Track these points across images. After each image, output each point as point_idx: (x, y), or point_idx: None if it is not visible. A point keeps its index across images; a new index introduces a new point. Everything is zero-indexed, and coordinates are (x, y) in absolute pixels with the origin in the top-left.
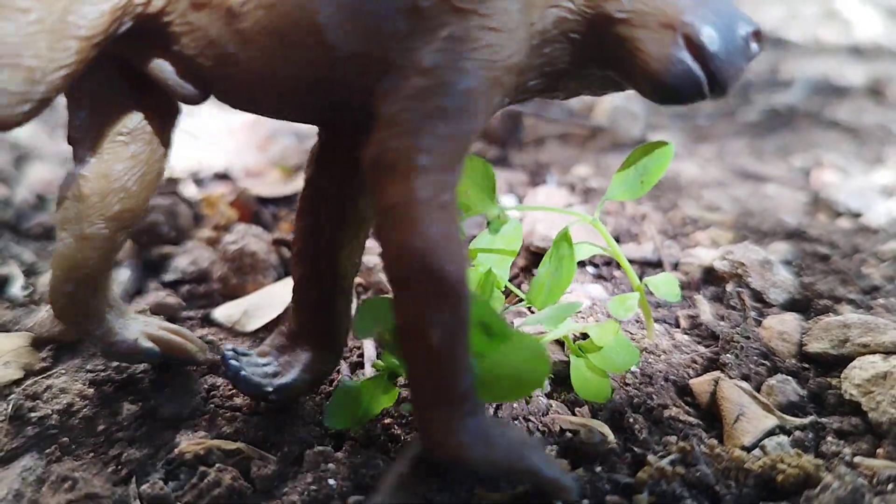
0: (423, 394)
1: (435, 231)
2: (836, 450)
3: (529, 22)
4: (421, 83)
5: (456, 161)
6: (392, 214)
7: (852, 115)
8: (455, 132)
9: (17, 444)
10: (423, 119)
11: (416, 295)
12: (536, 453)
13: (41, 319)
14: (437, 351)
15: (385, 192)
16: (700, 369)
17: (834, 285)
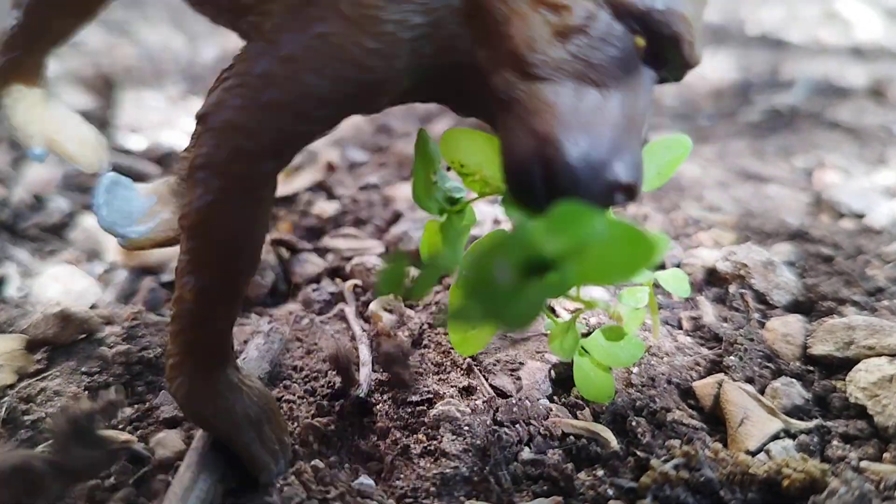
0: (173, 330)
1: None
2: (842, 454)
3: (421, 53)
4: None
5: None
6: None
7: (854, 116)
8: (278, 121)
9: (11, 447)
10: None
11: (188, 248)
12: (255, 430)
13: (36, 321)
14: (192, 303)
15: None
16: (703, 372)
17: (838, 287)
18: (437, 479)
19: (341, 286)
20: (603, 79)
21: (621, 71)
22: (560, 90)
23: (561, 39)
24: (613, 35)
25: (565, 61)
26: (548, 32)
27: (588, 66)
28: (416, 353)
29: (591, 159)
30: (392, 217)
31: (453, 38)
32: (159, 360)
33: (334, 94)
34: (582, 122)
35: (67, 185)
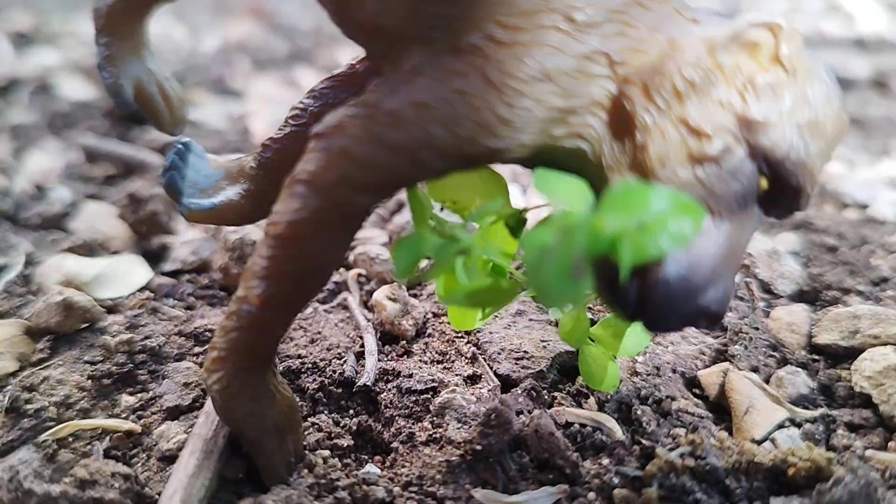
0: (226, 326)
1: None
2: (848, 443)
3: (549, 133)
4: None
5: (378, 184)
6: (295, 182)
7: (857, 108)
8: (392, 161)
9: (14, 436)
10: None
11: (269, 255)
12: (279, 439)
13: (38, 310)
14: (257, 307)
15: (305, 159)
16: (708, 361)
17: (842, 276)
18: (443, 466)
19: (345, 275)
20: (720, 208)
21: (738, 205)
22: None
23: (693, 163)
24: (743, 172)
25: (690, 184)
26: (683, 154)
27: (710, 194)
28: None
29: (688, 282)
30: (395, 206)
31: (584, 127)
32: (162, 350)
33: (454, 151)
34: (692, 243)
35: (69, 175)
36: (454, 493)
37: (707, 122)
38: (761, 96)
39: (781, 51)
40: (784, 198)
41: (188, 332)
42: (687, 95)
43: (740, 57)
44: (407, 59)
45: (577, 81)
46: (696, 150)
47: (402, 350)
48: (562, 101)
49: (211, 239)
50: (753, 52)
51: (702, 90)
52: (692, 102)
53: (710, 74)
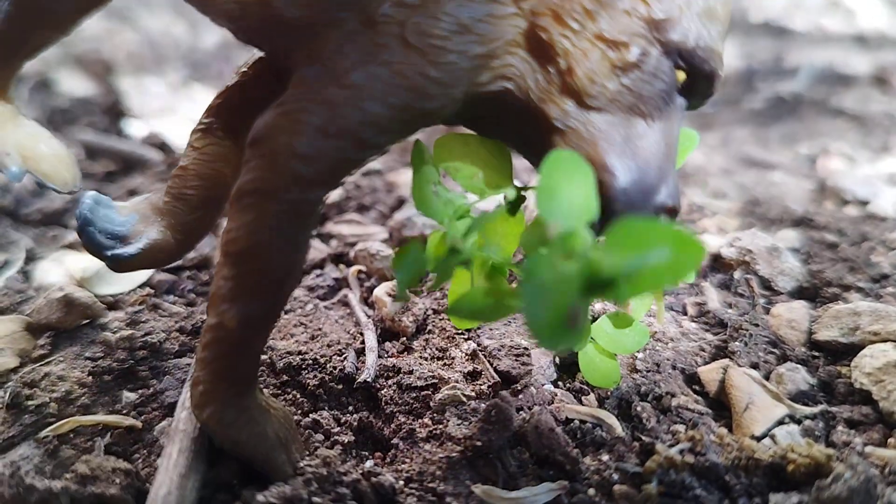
0: (204, 357)
1: (267, 225)
2: (847, 439)
3: (475, 81)
4: (331, 91)
5: (327, 174)
6: (243, 194)
7: (858, 104)
8: (337, 149)
9: (15, 432)
10: (308, 124)
11: (234, 275)
12: (285, 451)
13: (39, 306)
14: (235, 331)
15: (246, 169)
16: (708, 357)
17: (842, 273)
18: (443, 462)
19: (345, 272)
20: (650, 110)
21: (664, 103)
22: (613, 121)
23: (618, 74)
24: (662, 70)
25: (620, 94)
26: (607, 67)
27: (639, 98)
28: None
29: (642, 185)
30: (395, 203)
31: (506, 67)
32: (163, 346)
33: (394, 122)
34: (633, 150)
35: None
36: (454, 489)
37: (621, 32)
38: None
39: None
40: (700, 84)
41: (189, 329)
42: (596, 12)
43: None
44: (323, 46)
45: (490, 25)
46: (618, 60)
47: (402, 346)
48: (482, 48)
49: (211, 235)
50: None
51: (608, 4)
52: (603, 17)
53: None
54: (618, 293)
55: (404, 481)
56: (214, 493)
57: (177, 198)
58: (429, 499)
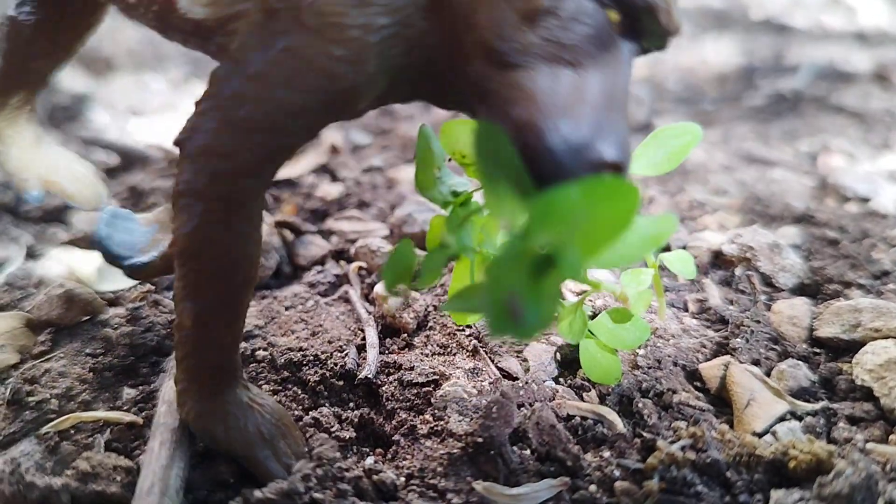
0: (178, 356)
1: (202, 223)
2: (849, 436)
3: (391, 54)
4: (239, 84)
5: (252, 165)
6: (176, 196)
7: (858, 101)
8: (254, 140)
9: (16, 428)
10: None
11: (182, 275)
12: (269, 447)
13: (39, 302)
14: (191, 329)
15: (177, 172)
16: (709, 354)
17: (843, 270)
18: (444, 459)
19: (346, 268)
20: (578, 58)
21: (596, 48)
22: (534, 75)
23: (529, 23)
24: (584, 13)
25: (536, 45)
26: (514, 17)
27: (560, 47)
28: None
29: (572, 142)
30: (396, 199)
31: (423, 34)
32: (164, 342)
33: (307, 106)
34: (560, 105)
35: None
36: (455, 486)
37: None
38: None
39: None
40: (645, 21)
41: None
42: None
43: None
44: (230, 42)
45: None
46: (526, 8)
47: (403, 343)
48: (388, 19)
49: None
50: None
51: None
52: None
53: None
54: (564, 268)
55: (405, 478)
56: (212, 491)
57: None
58: (430, 495)
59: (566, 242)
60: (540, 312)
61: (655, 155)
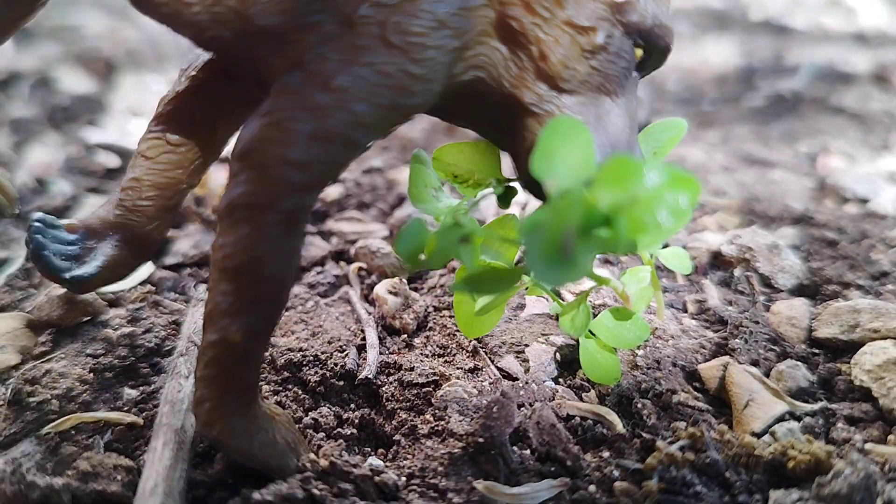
0: (208, 374)
1: (265, 236)
2: (847, 436)
3: (451, 73)
4: (318, 96)
5: (319, 178)
6: (235, 208)
7: (858, 102)
8: (328, 153)
9: (16, 428)
10: (298, 132)
11: (233, 290)
12: (294, 454)
13: (40, 303)
14: (241, 344)
15: (235, 183)
16: (708, 354)
17: (842, 271)
18: (445, 458)
19: (346, 269)
20: (614, 87)
21: (625, 79)
22: (585, 101)
23: (587, 57)
24: (624, 50)
25: (589, 75)
26: (577, 51)
27: (605, 78)
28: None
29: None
30: (396, 200)
31: (478, 57)
32: (163, 343)
33: (381, 121)
34: (604, 127)
35: (70, 169)
36: (456, 485)
37: (587, 18)
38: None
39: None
40: (655, 58)
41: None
42: (566, 0)
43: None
44: (302, 51)
45: (463, 18)
46: (587, 44)
47: (403, 343)
48: (457, 41)
49: (212, 232)
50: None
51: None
52: (569, 4)
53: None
54: (617, 230)
55: (406, 477)
56: (211, 492)
57: (131, 210)
58: (431, 495)
59: (622, 210)
60: (586, 260)
61: (645, 151)
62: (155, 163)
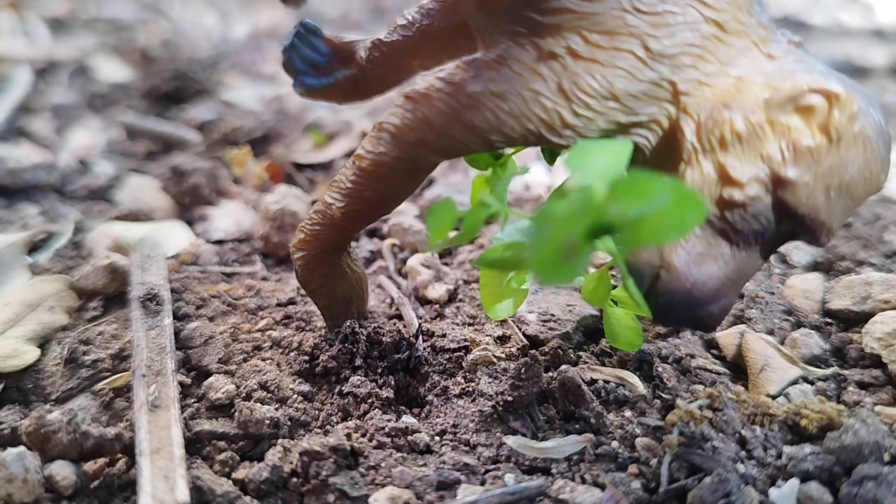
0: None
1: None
2: (858, 399)
3: (612, 120)
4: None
5: (448, 151)
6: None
7: (874, 95)
8: (464, 137)
9: (73, 384)
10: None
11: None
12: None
13: (86, 272)
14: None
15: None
16: (726, 324)
17: (856, 249)
18: (476, 416)
19: (380, 245)
20: (738, 240)
21: (755, 240)
22: (699, 233)
23: (722, 206)
24: (765, 216)
25: (716, 217)
26: (714, 194)
27: (732, 229)
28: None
29: (690, 297)
30: (426, 182)
31: (639, 137)
32: (198, 310)
33: (519, 139)
34: (702, 264)
35: (111, 151)
36: (486, 440)
37: (743, 173)
38: (800, 159)
39: (832, 120)
40: (800, 237)
41: (229, 299)
42: (732, 145)
43: (792, 118)
44: (497, 46)
45: (642, 102)
46: (727, 196)
47: (434, 313)
48: (624, 118)
49: (252, 209)
50: (806, 116)
51: (747, 142)
52: (735, 152)
53: (759, 128)
54: (620, 239)
55: (439, 435)
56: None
57: (368, 60)
58: (462, 449)
59: (630, 219)
60: (582, 265)
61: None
62: (399, 39)
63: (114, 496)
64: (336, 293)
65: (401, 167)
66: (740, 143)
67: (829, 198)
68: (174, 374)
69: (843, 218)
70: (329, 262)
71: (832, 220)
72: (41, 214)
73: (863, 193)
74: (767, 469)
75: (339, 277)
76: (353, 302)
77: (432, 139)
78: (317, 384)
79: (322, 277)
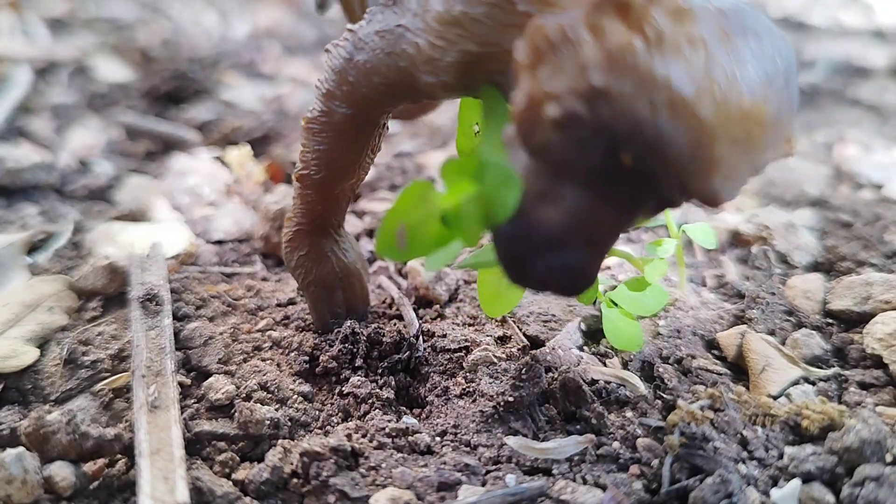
0: (292, 205)
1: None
2: (859, 399)
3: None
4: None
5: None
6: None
7: (874, 95)
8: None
9: (72, 385)
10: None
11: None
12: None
13: (85, 273)
14: (298, 186)
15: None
16: (727, 325)
17: (856, 249)
18: (477, 416)
19: None
20: (573, 176)
21: (598, 178)
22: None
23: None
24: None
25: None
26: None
27: (564, 159)
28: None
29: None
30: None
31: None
32: (199, 310)
33: (397, 83)
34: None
35: (111, 151)
36: (487, 441)
37: (556, 85)
38: (612, 64)
39: (648, 17)
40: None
41: (229, 299)
42: (546, 55)
43: (609, 19)
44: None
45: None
46: (546, 115)
47: (435, 313)
48: (475, 47)
49: (252, 209)
50: (622, 15)
51: (562, 51)
52: (550, 62)
53: (575, 35)
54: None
55: (440, 435)
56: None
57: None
58: (463, 449)
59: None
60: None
61: None
62: None
63: (113, 497)
64: (313, 274)
65: (323, 122)
66: (553, 52)
67: (660, 116)
68: (174, 375)
69: (706, 154)
70: (308, 241)
71: (677, 146)
72: (40, 214)
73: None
74: (769, 470)
75: (317, 258)
76: (336, 290)
77: (334, 88)
78: (317, 384)
79: (300, 257)
